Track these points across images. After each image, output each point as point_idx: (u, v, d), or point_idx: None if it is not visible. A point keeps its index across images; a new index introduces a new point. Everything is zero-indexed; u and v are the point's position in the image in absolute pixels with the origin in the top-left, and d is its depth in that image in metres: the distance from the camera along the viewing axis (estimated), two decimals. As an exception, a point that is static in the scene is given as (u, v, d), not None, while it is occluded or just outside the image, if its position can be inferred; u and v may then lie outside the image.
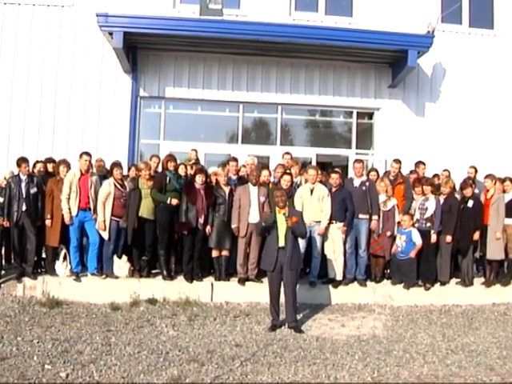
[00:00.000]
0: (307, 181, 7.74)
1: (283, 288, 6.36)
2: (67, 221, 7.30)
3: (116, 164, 7.78)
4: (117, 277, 7.47)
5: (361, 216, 7.72)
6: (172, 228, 7.55)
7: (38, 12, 10.27)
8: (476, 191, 8.09)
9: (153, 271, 7.75)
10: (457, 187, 8.26)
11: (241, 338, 5.98)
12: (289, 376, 4.95)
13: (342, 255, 7.66)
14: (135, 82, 10.39)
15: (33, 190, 7.41)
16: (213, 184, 7.93)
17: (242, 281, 7.54)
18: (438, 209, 7.74)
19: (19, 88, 10.16)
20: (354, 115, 11.19)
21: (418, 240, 7.62)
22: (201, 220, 7.47)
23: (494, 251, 7.72)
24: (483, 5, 11.32)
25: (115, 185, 7.48)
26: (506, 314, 7.30)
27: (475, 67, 10.99)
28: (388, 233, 7.80)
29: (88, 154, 7.56)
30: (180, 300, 7.21)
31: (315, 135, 11.43)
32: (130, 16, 9.35)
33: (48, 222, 7.37)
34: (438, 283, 7.85)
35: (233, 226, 7.50)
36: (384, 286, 7.84)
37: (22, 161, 7.48)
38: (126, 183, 7.71)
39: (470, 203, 7.74)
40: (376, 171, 8.54)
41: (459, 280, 7.94)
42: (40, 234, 7.45)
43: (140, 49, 10.28)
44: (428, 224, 7.75)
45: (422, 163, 8.88)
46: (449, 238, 7.68)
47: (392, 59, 10.48)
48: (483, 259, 8.04)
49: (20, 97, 10.16)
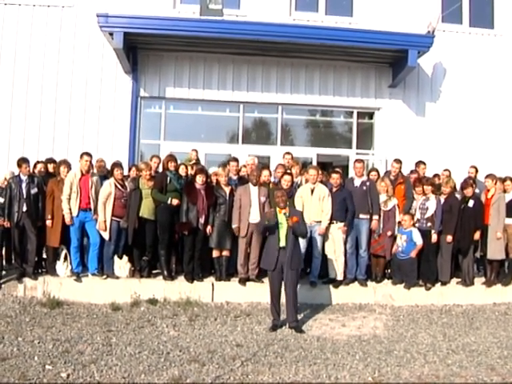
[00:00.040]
0: (308, 181, 7.74)
1: (284, 288, 6.35)
2: (68, 221, 7.31)
3: (116, 164, 7.78)
4: (117, 277, 7.48)
5: (361, 216, 7.72)
6: (172, 228, 7.55)
7: (38, 13, 10.27)
8: (476, 191, 8.08)
9: (153, 271, 7.75)
10: (457, 187, 8.25)
11: (241, 338, 5.98)
12: (289, 376, 4.95)
13: (343, 255, 7.67)
14: (135, 83, 10.40)
15: (33, 191, 7.41)
16: (213, 184, 7.93)
17: (243, 281, 7.55)
18: (439, 209, 7.74)
19: (20, 89, 10.17)
20: (355, 115, 11.19)
21: (419, 240, 7.62)
22: (201, 220, 7.47)
23: (495, 251, 7.72)
24: (483, 4, 11.32)
25: (116, 185, 7.48)
26: (507, 314, 7.29)
27: (475, 67, 10.99)
28: (389, 233, 7.79)
29: (88, 155, 7.57)
30: (181, 300, 7.21)
31: (316, 135, 11.43)
32: (131, 16, 9.36)
33: (49, 223, 7.38)
34: (439, 283, 7.84)
35: (233, 226, 7.50)
36: (385, 286, 7.84)
37: (23, 161, 7.49)
38: (127, 183, 7.71)
39: (471, 203, 7.75)
40: (376, 171, 8.53)
41: (460, 280, 7.94)
42: (41, 235, 7.45)
43: (140, 49, 10.28)
44: (428, 224, 7.74)
45: (423, 163, 8.87)
46: (449, 238, 7.67)
47: (392, 59, 10.48)
48: (484, 259, 8.03)
49: (20, 97, 10.17)
